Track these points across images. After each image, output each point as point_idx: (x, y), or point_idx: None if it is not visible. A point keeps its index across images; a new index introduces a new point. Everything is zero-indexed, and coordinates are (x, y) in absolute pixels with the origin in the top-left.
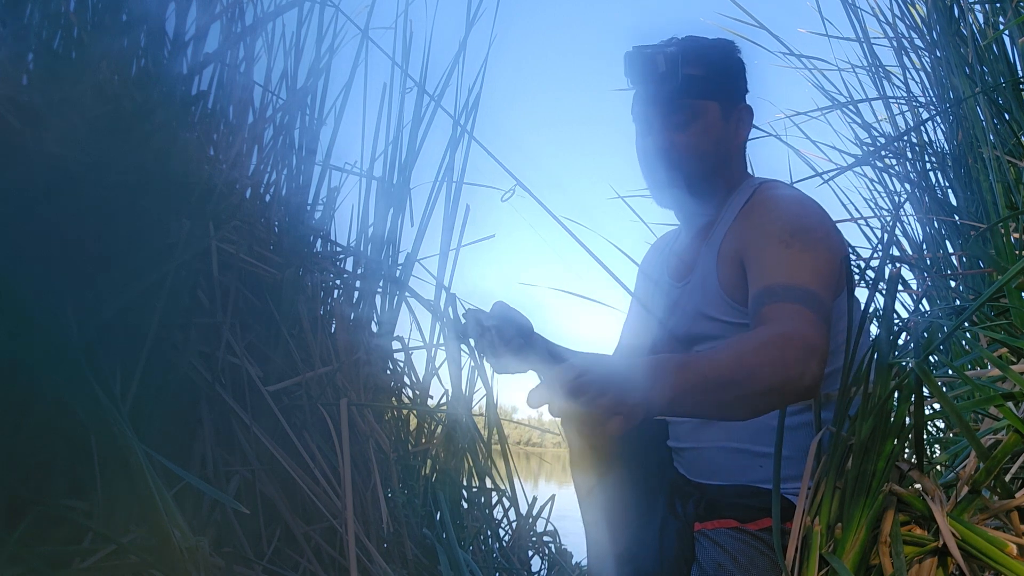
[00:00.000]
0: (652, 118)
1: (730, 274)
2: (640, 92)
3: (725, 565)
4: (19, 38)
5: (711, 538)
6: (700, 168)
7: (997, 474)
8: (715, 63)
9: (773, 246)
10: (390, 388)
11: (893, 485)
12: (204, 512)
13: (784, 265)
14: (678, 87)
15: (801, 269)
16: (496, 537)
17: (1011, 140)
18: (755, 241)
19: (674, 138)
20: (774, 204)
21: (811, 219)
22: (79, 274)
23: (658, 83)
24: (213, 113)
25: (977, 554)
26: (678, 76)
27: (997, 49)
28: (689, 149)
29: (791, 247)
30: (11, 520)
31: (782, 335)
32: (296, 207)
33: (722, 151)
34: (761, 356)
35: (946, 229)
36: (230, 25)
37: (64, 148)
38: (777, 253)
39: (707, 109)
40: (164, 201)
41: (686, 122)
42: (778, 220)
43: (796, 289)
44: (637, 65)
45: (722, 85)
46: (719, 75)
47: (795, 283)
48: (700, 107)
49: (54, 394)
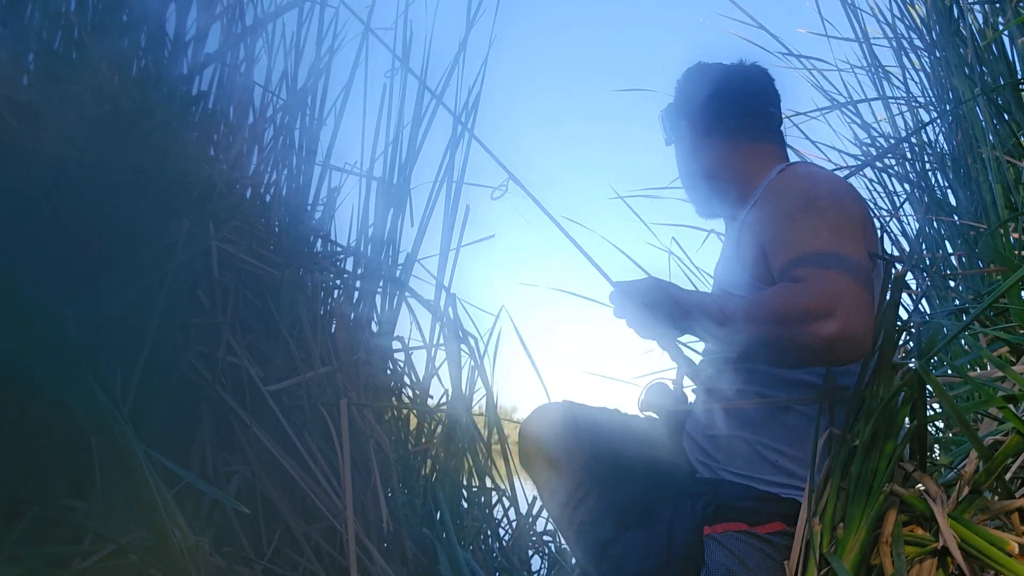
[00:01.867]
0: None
1: (751, 250)
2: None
3: (733, 569)
4: (19, 38)
5: (719, 542)
6: (705, 183)
7: (998, 474)
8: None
9: (798, 223)
10: (390, 388)
11: (894, 485)
12: (204, 512)
13: (810, 241)
14: (664, 123)
15: (815, 237)
16: (496, 537)
17: (1010, 140)
18: (767, 225)
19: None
20: (784, 185)
21: (818, 188)
22: (79, 274)
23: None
24: (213, 113)
25: (977, 554)
26: (667, 121)
27: (996, 49)
28: (689, 171)
29: (796, 221)
30: (11, 520)
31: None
32: (296, 207)
33: (710, 161)
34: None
35: (945, 229)
36: (230, 25)
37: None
38: (802, 230)
39: (680, 129)
40: (164, 201)
41: (675, 146)
42: (786, 199)
43: (820, 255)
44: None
45: (684, 104)
46: (682, 95)
47: (822, 249)
48: (677, 130)
49: (54, 394)
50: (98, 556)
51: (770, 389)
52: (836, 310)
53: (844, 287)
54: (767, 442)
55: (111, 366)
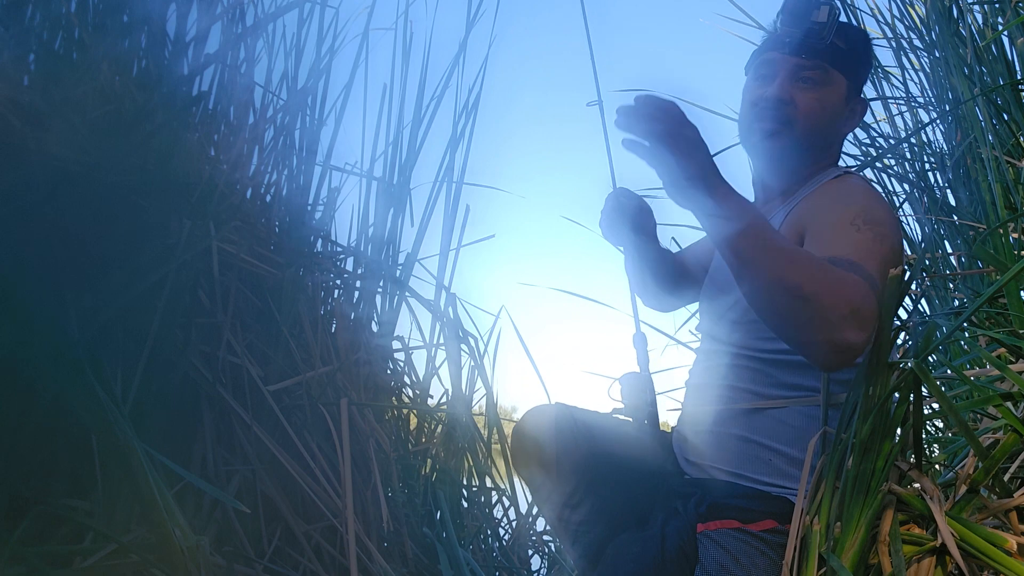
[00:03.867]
0: (782, 68)
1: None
2: (781, 38)
3: (727, 566)
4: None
5: (713, 539)
6: (808, 133)
7: (995, 473)
8: (859, 45)
9: (844, 225)
10: (390, 388)
11: (892, 485)
12: (205, 511)
13: (852, 245)
14: (825, 47)
15: (869, 255)
16: (496, 536)
17: (1010, 140)
18: (824, 216)
19: (798, 93)
20: (852, 189)
21: (885, 212)
22: (80, 274)
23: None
24: (214, 114)
25: (976, 553)
26: (829, 37)
27: (996, 50)
28: (808, 110)
29: (861, 231)
30: (13, 519)
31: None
32: (297, 207)
33: (831, 129)
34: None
35: (945, 229)
36: (231, 26)
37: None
38: (847, 232)
39: (838, 82)
40: (165, 201)
41: (817, 83)
42: (854, 204)
43: (860, 267)
44: (797, 8)
45: (858, 68)
46: (859, 57)
47: (861, 262)
48: (834, 77)
49: (55, 394)
50: (99, 555)
51: (763, 387)
52: (866, 327)
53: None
54: (759, 440)
55: (112, 366)
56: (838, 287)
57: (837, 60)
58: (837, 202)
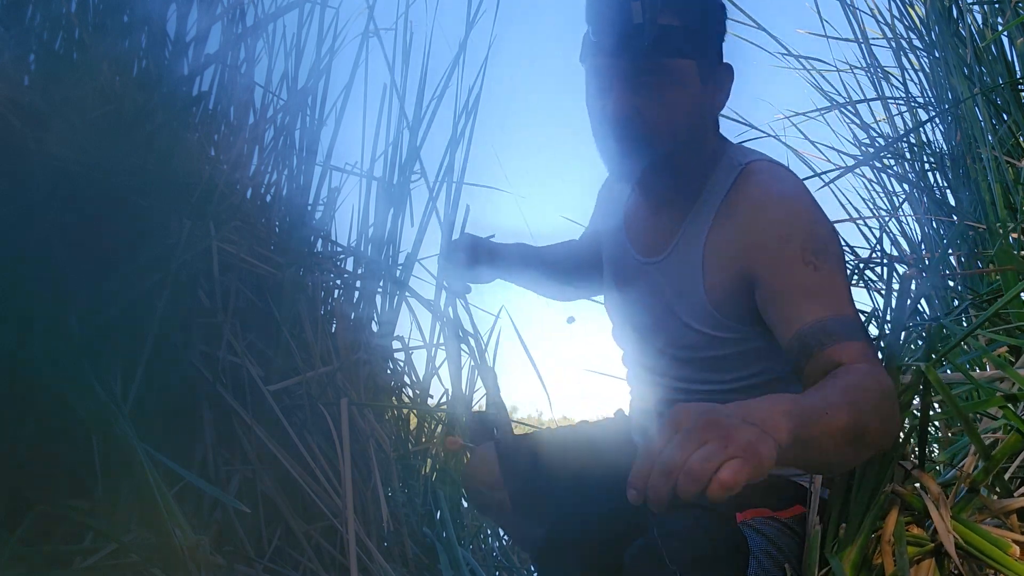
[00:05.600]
0: (614, 75)
1: (721, 284)
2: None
3: (771, 552)
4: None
5: (752, 527)
6: (671, 141)
7: (996, 473)
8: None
9: (798, 270)
10: (390, 388)
11: (896, 485)
12: (205, 511)
13: (822, 294)
14: (654, 42)
15: (838, 294)
16: (496, 536)
17: (1009, 140)
18: (771, 267)
19: (641, 103)
20: (776, 207)
21: (823, 224)
22: (81, 274)
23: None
24: (214, 114)
25: (978, 554)
26: (654, 28)
27: (996, 50)
28: (660, 117)
29: (818, 267)
30: (13, 519)
31: (883, 390)
32: (297, 207)
33: (697, 120)
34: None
35: (944, 229)
36: (231, 26)
37: (65, 149)
38: (806, 279)
39: (683, 70)
40: (165, 202)
41: (658, 85)
42: (791, 230)
43: (849, 322)
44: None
45: (705, 41)
46: (699, 27)
47: (842, 314)
48: (675, 67)
49: (56, 394)
50: (100, 555)
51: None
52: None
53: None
54: None
55: (113, 366)
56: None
57: (674, 46)
58: (773, 238)
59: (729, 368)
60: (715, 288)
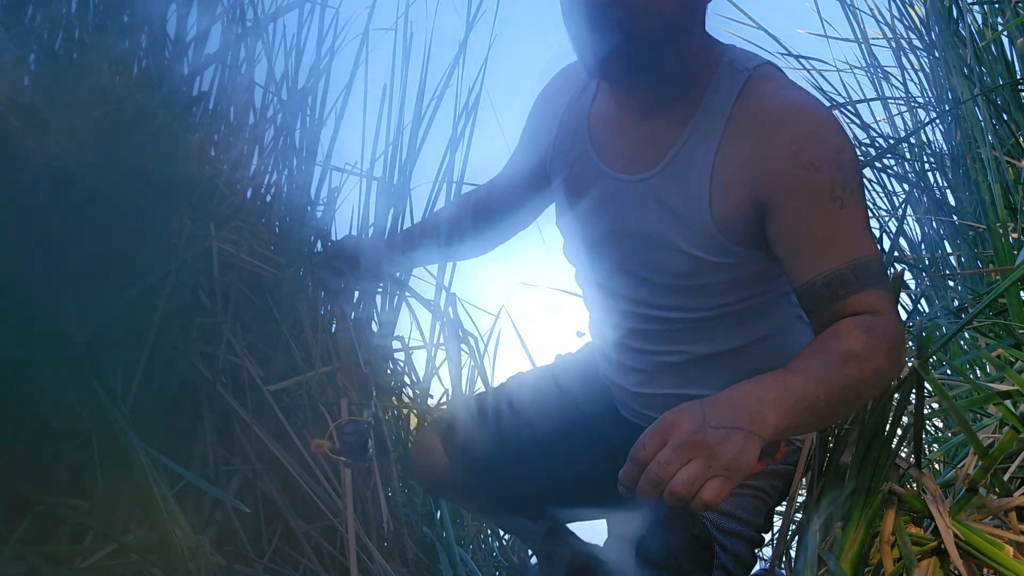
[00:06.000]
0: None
1: (731, 207)
2: None
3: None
4: (21, 40)
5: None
6: (658, 25)
7: (995, 473)
8: None
9: (824, 205)
10: (390, 388)
11: (893, 484)
12: (205, 511)
13: (845, 233)
14: None
15: (860, 232)
16: (496, 536)
17: (1009, 141)
18: (794, 192)
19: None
20: (799, 126)
21: (848, 148)
22: (81, 274)
23: None
24: (214, 114)
25: (977, 554)
26: None
27: (996, 50)
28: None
29: (846, 205)
30: (12, 519)
31: (892, 343)
32: (297, 207)
33: (681, 10)
34: (880, 376)
35: (945, 229)
36: (231, 27)
37: (65, 149)
38: (834, 220)
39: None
40: (165, 202)
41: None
42: (820, 160)
43: (871, 267)
44: None
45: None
46: None
47: (865, 256)
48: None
49: (55, 393)
50: (99, 555)
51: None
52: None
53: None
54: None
55: (113, 365)
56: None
57: None
58: (798, 165)
59: (719, 294)
60: (723, 212)
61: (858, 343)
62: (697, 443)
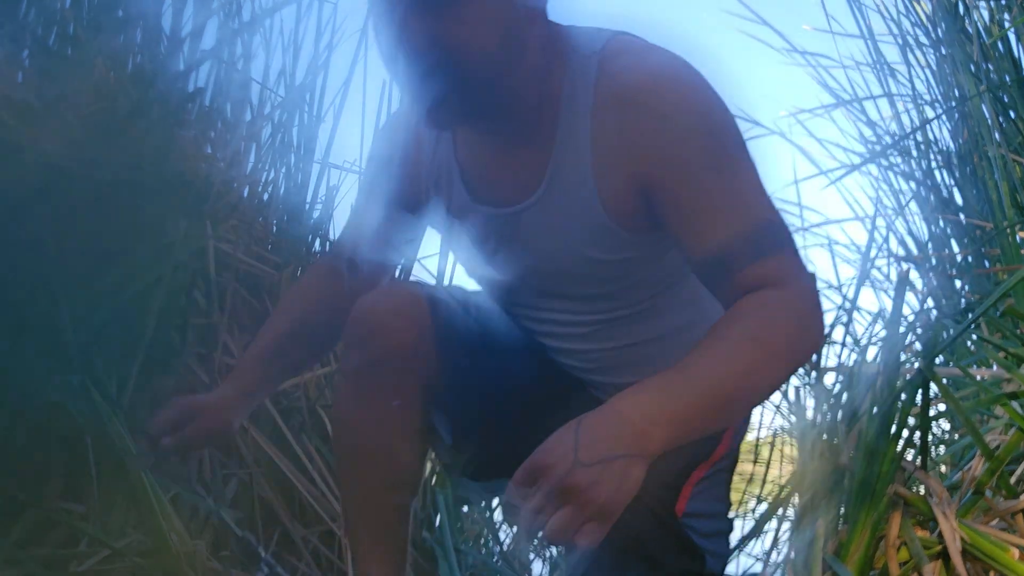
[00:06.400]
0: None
1: (617, 194)
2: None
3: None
4: (15, 35)
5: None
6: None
7: (1002, 475)
8: None
9: (705, 172)
10: None
11: (899, 487)
12: (201, 516)
13: (735, 198)
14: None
15: (751, 195)
16: (497, 540)
17: (1016, 138)
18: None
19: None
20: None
21: (720, 108)
22: (75, 274)
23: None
24: (210, 111)
25: (984, 557)
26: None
27: (1003, 47)
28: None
29: (727, 168)
30: (7, 523)
31: (798, 314)
32: (294, 206)
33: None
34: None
35: (951, 228)
36: (227, 22)
37: (60, 146)
38: (715, 182)
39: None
40: (161, 200)
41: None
42: (690, 127)
43: (766, 232)
44: None
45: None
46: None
47: (758, 222)
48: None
49: (50, 396)
50: (94, 560)
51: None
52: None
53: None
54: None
55: (107, 367)
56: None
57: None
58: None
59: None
60: (616, 205)
61: (755, 322)
62: (567, 489)
